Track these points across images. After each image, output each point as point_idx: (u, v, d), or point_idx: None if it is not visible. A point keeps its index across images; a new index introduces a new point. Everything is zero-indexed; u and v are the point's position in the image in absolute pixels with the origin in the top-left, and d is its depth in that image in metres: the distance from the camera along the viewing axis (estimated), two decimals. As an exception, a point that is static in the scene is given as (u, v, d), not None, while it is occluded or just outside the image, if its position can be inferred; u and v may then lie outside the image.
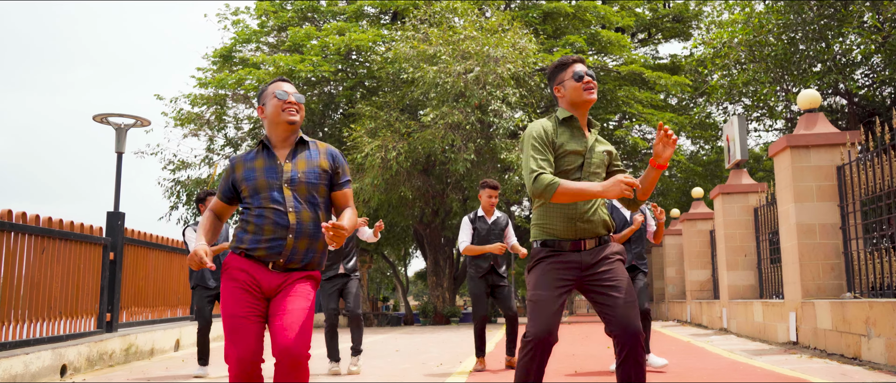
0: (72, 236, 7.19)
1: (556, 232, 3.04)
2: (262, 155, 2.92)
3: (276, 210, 2.79)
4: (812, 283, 7.86)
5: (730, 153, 12.31)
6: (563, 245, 3.03)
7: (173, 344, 9.30)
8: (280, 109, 2.89)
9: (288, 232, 2.78)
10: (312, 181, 2.88)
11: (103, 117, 8.32)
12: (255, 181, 2.85)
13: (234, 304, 2.74)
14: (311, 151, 2.95)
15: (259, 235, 2.79)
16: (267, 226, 2.79)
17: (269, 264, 2.80)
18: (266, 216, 2.80)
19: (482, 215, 6.52)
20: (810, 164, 8.05)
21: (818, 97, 8.40)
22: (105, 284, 7.91)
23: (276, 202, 2.80)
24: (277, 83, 2.97)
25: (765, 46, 17.88)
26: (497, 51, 16.50)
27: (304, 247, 2.83)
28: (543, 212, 3.08)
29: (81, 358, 6.83)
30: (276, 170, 2.86)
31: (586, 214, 3.03)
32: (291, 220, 2.79)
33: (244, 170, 2.89)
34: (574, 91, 3.09)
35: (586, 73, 3.10)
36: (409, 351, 9.41)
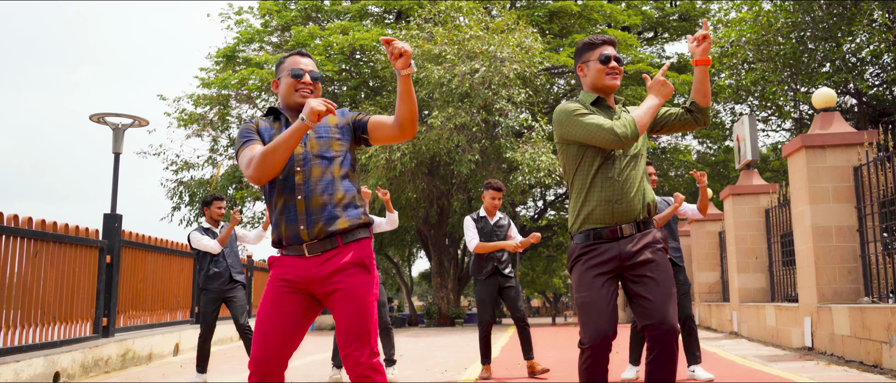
0: (66, 239, 7.00)
1: (593, 218, 2.91)
2: (278, 123, 2.74)
3: (286, 172, 2.60)
4: (828, 287, 7.63)
5: (740, 153, 12.07)
6: (600, 234, 2.90)
7: (172, 349, 9.11)
8: (293, 88, 2.70)
9: (296, 193, 2.59)
10: (323, 136, 2.66)
11: (100, 117, 8.13)
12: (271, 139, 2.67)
13: (265, 306, 2.59)
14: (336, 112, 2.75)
15: (275, 211, 2.64)
16: (277, 194, 2.62)
17: (303, 248, 2.58)
18: (276, 181, 2.62)
19: (484, 216, 6.32)
20: (826, 165, 7.81)
21: (834, 96, 8.17)
22: (101, 288, 7.72)
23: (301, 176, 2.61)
24: (294, 57, 2.77)
25: (773, 45, 17.63)
26: (503, 50, 16.28)
27: (320, 205, 2.58)
28: (578, 196, 2.96)
29: (75, 364, 6.64)
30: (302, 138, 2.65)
31: (626, 196, 2.89)
32: (297, 180, 2.59)
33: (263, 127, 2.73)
34: (597, 73, 2.99)
35: (614, 56, 3.00)
36: (412, 356, 9.20)
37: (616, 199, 2.88)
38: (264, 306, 2.59)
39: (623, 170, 2.92)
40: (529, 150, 16.24)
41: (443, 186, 19.18)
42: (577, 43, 3.11)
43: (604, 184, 2.90)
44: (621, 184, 2.90)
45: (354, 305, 2.55)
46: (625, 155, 2.94)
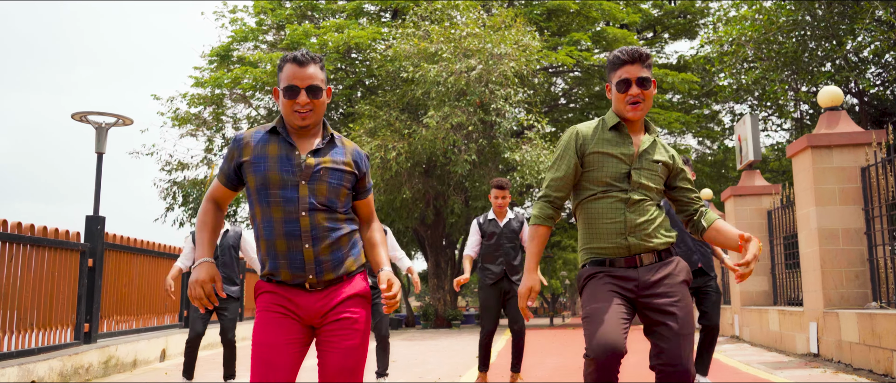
0: (44, 242, 6.73)
1: (606, 250, 2.70)
2: (276, 141, 2.44)
3: (287, 214, 2.36)
4: (834, 292, 7.38)
5: (742, 154, 11.82)
6: (617, 262, 2.68)
7: (159, 355, 8.85)
8: (290, 109, 2.42)
9: (302, 241, 2.36)
10: (334, 183, 2.44)
11: (82, 115, 7.86)
12: (265, 173, 2.39)
13: (266, 331, 2.35)
14: (337, 149, 2.50)
15: (274, 252, 2.38)
16: (278, 238, 2.37)
17: (304, 285, 2.39)
18: (274, 220, 2.37)
19: (492, 217, 5.99)
20: (833, 165, 7.57)
21: (840, 94, 7.93)
22: (83, 292, 7.45)
23: (289, 202, 2.36)
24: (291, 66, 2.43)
25: (774, 44, 17.40)
26: (500, 48, 16.03)
27: (329, 253, 2.39)
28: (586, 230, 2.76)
29: (53, 372, 6.37)
30: (293, 162, 2.40)
31: (639, 228, 2.65)
32: (303, 226, 2.36)
33: (253, 154, 2.42)
34: (616, 100, 2.77)
35: (637, 79, 2.70)
36: (407, 361, 8.94)
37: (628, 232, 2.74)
38: (265, 331, 2.35)
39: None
40: (529, 151, 16.00)
41: (439, 187, 18.93)
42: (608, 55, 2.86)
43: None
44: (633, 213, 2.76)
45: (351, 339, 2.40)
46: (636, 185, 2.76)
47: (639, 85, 2.69)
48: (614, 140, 2.73)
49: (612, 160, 2.71)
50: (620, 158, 2.70)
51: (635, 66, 2.70)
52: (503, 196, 5.93)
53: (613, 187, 2.70)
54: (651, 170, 2.73)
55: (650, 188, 2.72)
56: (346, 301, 2.41)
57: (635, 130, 2.78)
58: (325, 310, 2.40)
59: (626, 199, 2.68)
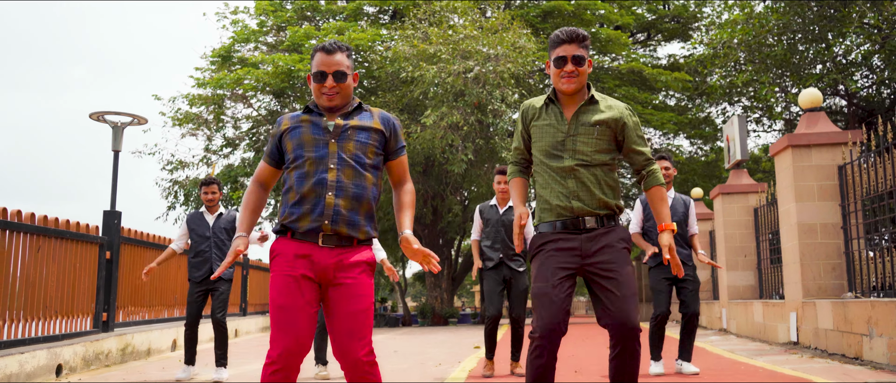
0: (68, 235, 7.14)
1: (553, 213, 2.99)
2: (309, 115, 2.79)
3: (318, 165, 2.67)
4: (813, 283, 7.82)
5: (730, 153, 12.27)
6: (562, 224, 2.96)
7: (170, 344, 9.24)
8: (318, 92, 2.75)
9: (326, 188, 2.65)
10: (361, 140, 2.73)
11: (100, 115, 8.27)
12: (300, 136, 2.72)
13: (283, 294, 2.59)
14: (365, 114, 2.81)
15: (300, 201, 2.66)
16: (307, 187, 2.65)
17: (318, 238, 2.65)
18: (307, 172, 2.67)
19: (494, 204, 6.13)
20: (812, 164, 8.01)
21: (819, 96, 8.37)
22: (101, 283, 7.85)
23: (320, 157, 2.68)
24: (319, 55, 2.75)
25: (764, 46, 17.84)
26: (496, 50, 16.45)
27: (347, 208, 2.67)
28: (539, 195, 3.06)
29: (77, 357, 6.78)
30: (322, 124, 2.73)
31: (580, 192, 2.95)
32: (330, 177, 2.66)
33: (290, 125, 2.77)
34: (554, 76, 3.05)
35: (572, 57, 2.95)
36: (407, 351, 9.35)
37: (571, 195, 3.03)
38: (283, 292, 2.59)
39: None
40: None
41: (437, 186, 19.34)
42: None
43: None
44: (573, 181, 3.05)
45: (360, 304, 2.64)
46: (571, 150, 3.03)
47: (573, 62, 2.95)
48: (552, 112, 3.04)
49: (550, 129, 3.01)
50: (556, 128, 3.00)
51: (572, 45, 2.96)
52: (505, 181, 6.00)
53: (553, 155, 3.00)
54: (587, 135, 2.96)
55: (587, 152, 2.96)
56: (355, 266, 2.65)
57: (573, 102, 3.03)
58: (335, 269, 2.63)
59: (564, 167, 2.96)
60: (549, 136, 3.02)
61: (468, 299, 59.67)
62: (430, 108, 16.34)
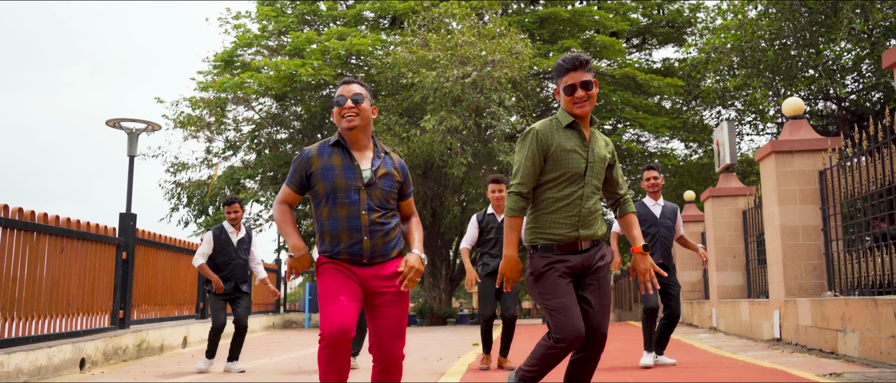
0: (88, 236, 7.53)
1: (557, 237, 3.16)
2: (338, 153, 3.08)
3: (350, 212, 3.00)
4: (795, 283, 8.23)
5: (719, 157, 12.68)
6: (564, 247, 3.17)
7: (181, 341, 9.63)
8: (340, 116, 3.07)
9: (362, 234, 3.01)
10: (386, 189, 3.10)
11: (116, 122, 8.66)
12: (333, 180, 3.03)
13: (333, 284, 2.98)
14: (386, 160, 3.16)
15: (336, 243, 3.03)
16: (343, 233, 3.01)
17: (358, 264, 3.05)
18: (340, 219, 3.01)
19: (491, 213, 6.36)
20: (794, 169, 8.42)
21: (802, 104, 8.78)
22: (118, 283, 8.25)
23: (353, 203, 3.01)
24: (340, 88, 3.12)
25: (757, 51, 18.27)
26: (494, 55, 16.86)
27: (382, 243, 3.05)
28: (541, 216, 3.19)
29: (98, 352, 7.17)
30: (353, 170, 3.05)
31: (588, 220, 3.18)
32: (363, 222, 3.01)
33: (321, 165, 3.06)
34: (565, 102, 3.18)
35: (581, 83, 3.12)
36: (410, 347, 9.74)
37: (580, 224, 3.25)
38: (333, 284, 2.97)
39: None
40: None
41: (436, 188, 19.74)
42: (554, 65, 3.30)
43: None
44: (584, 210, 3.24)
45: (401, 308, 3.09)
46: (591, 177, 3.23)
47: (582, 88, 3.11)
48: (572, 137, 3.17)
49: (574, 155, 3.14)
50: (580, 154, 3.15)
51: (578, 72, 3.12)
52: (500, 190, 6.27)
53: (572, 182, 3.15)
54: (600, 167, 3.23)
55: (597, 184, 3.23)
56: (393, 276, 3.06)
57: (585, 126, 3.21)
58: (374, 278, 3.03)
59: (581, 195, 3.16)
60: (574, 163, 3.16)
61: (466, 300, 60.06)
62: (430, 113, 16.75)
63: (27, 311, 6.43)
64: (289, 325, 17.97)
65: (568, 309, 3.08)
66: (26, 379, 5.84)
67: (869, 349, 6.17)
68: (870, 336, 6.16)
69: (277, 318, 17.24)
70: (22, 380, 5.78)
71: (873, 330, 6.09)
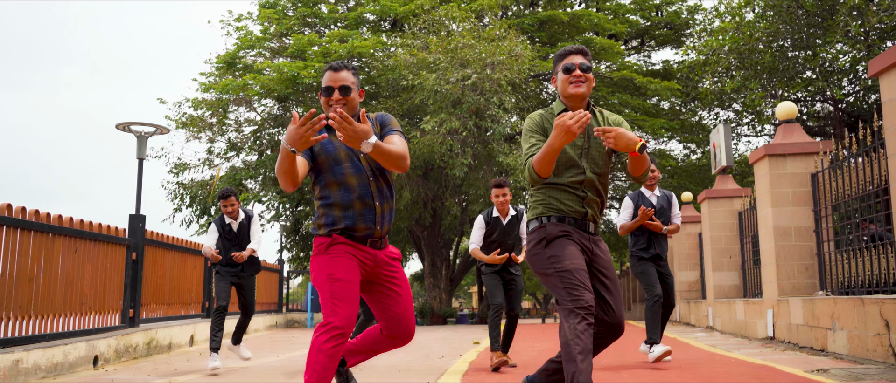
0: (100, 237, 7.75)
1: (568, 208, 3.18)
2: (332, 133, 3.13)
3: (360, 180, 3.07)
4: (787, 282, 8.45)
5: (716, 159, 12.90)
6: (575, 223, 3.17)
7: (188, 340, 9.85)
8: (326, 105, 3.13)
9: (374, 200, 3.09)
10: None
11: (125, 125, 8.88)
12: (335, 152, 3.09)
13: (339, 268, 2.99)
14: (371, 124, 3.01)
15: (351, 212, 3.06)
16: (356, 202, 3.07)
17: (367, 241, 3.10)
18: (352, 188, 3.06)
19: (497, 216, 6.45)
20: (787, 172, 8.64)
21: (795, 109, 8.99)
22: (128, 282, 8.46)
23: (360, 171, 3.08)
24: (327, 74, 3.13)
25: (754, 53, 18.50)
26: (493, 58, 17.09)
27: (388, 210, 3.17)
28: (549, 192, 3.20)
29: (110, 350, 7.38)
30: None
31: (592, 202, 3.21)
32: (373, 188, 3.09)
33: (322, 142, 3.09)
34: (562, 83, 3.21)
35: (579, 64, 3.17)
36: (413, 345, 9.96)
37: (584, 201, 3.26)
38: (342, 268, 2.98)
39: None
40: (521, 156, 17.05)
41: (436, 188, 19.96)
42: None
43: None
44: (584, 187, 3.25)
45: (408, 293, 3.29)
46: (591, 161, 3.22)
47: (581, 69, 3.16)
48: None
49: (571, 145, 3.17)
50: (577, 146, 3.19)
51: (577, 55, 3.20)
52: (503, 194, 6.40)
53: (568, 167, 3.19)
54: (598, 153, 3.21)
55: (599, 160, 3.21)
56: (394, 261, 3.21)
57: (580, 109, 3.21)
58: (378, 262, 3.14)
59: (582, 178, 3.18)
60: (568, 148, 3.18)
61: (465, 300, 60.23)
62: (430, 114, 16.98)
63: (44, 310, 6.65)
64: (291, 324, 18.19)
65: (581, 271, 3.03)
66: (44, 376, 6.06)
67: (856, 346, 6.40)
68: (857, 334, 6.38)
69: (280, 317, 17.46)
70: (40, 376, 5.99)
71: (860, 328, 6.31)
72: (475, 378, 5.86)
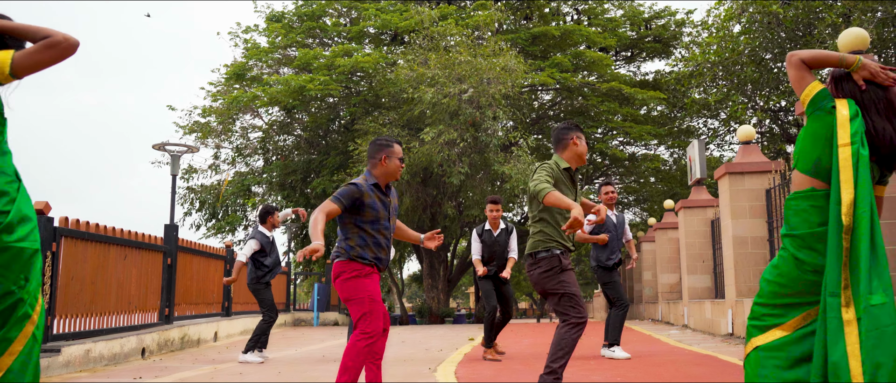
0: (143, 245, 8.90)
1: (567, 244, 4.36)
2: (378, 193, 4.24)
3: (386, 235, 4.25)
4: (744, 285, 9.61)
5: (691, 172, 14.06)
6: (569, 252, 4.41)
7: (213, 335, 11.00)
8: (397, 170, 4.29)
9: (390, 248, 4.34)
10: (395, 214, 4.44)
11: (161, 145, 10.02)
12: (377, 211, 4.21)
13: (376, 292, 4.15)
14: (393, 192, 4.39)
15: (379, 253, 4.21)
16: (383, 246, 4.24)
17: (381, 270, 4.27)
18: (381, 237, 4.21)
19: (488, 228, 7.54)
20: (744, 188, 9.81)
21: (752, 131, 10.16)
22: (164, 284, 9.61)
23: (386, 228, 4.26)
24: (395, 145, 4.31)
25: (738, 65, 19.64)
26: (489, 73, 18.24)
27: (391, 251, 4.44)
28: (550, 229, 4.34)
29: (154, 343, 8.54)
30: (387, 206, 4.28)
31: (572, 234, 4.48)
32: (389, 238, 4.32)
33: (370, 199, 4.17)
34: (576, 153, 4.47)
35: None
36: (413, 341, 11.12)
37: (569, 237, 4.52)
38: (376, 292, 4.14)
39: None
40: (518, 166, 18.17)
41: (434, 194, 21.12)
42: (565, 123, 4.60)
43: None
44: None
45: None
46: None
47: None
48: (567, 179, 4.41)
49: (567, 191, 4.36)
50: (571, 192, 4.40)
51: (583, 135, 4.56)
52: (497, 209, 7.59)
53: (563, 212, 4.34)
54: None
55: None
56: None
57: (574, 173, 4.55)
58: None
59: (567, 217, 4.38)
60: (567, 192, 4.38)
61: (463, 301, 61.39)
62: (429, 126, 18.13)
63: (101, 309, 7.80)
64: (298, 323, 19.32)
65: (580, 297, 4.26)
66: (106, 364, 7.21)
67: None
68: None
69: (288, 316, 18.60)
70: (103, 365, 7.14)
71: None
72: (468, 367, 7.00)
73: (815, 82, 3.00)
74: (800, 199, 2.97)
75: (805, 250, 2.89)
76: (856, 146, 2.90)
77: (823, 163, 2.94)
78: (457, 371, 6.58)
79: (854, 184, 2.88)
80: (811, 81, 3.00)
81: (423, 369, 6.80)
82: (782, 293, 2.91)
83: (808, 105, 3.00)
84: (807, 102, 3.00)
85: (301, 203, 23.08)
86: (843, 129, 2.94)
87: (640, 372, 6.15)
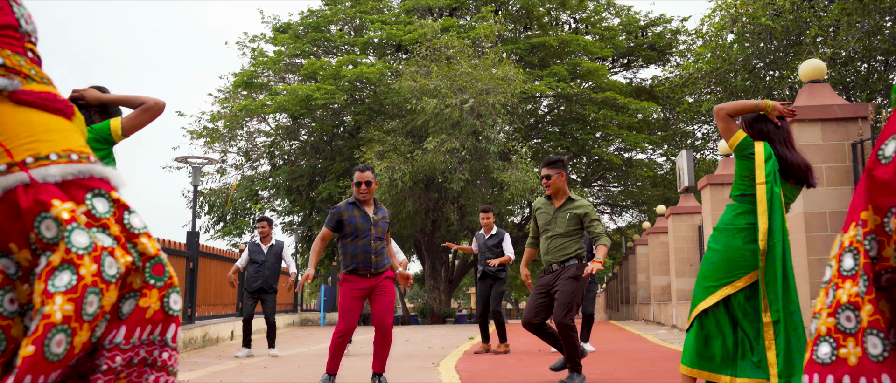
0: (169, 251, 9.68)
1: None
2: (356, 209, 5.14)
3: (365, 243, 5.07)
4: (723, 288, 10.37)
5: (680, 180, 14.84)
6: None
7: (230, 335, 11.78)
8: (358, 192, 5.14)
9: (371, 254, 5.12)
10: (382, 227, 5.23)
11: (184, 158, 10.80)
12: (356, 226, 5.07)
13: (349, 297, 5.07)
14: (380, 210, 5.26)
15: (355, 261, 5.07)
16: (359, 255, 5.09)
17: (366, 274, 5.14)
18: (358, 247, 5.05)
19: (482, 232, 8.85)
20: (724, 198, 10.56)
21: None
22: (187, 287, 10.39)
23: (366, 238, 5.08)
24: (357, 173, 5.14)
25: (729, 73, 20.38)
26: (489, 84, 19.01)
27: (381, 260, 5.17)
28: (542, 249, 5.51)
29: (180, 342, 9.31)
30: (368, 219, 5.12)
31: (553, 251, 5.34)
32: (371, 248, 5.13)
33: (348, 216, 5.08)
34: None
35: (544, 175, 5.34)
36: (416, 339, 11.90)
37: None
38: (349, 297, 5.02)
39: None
40: (517, 174, 18.95)
41: (437, 199, 21.90)
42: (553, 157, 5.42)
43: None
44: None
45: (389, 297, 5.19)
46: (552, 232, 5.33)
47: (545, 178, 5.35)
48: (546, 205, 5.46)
49: (544, 215, 5.41)
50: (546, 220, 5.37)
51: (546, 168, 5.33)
52: (487, 217, 8.74)
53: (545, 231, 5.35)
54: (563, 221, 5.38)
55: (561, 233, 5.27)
56: (385, 279, 5.19)
57: (557, 198, 5.40)
58: (373, 285, 5.11)
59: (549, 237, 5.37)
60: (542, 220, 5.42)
61: (464, 301, 62.17)
62: (432, 135, 18.91)
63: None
64: (306, 323, 20.09)
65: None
66: (141, 359, 7.99)
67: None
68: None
69: (296, 316, 19.38)
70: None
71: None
72: (468, 362, 7.77)
73: (739, 132, 3.81)
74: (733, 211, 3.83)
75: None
76: (769, 184, 3.70)
77: (748, 194, 3.75)
78: (457, 366, 7.35)
79: (768, 215, 3.67)
80: (736, 131, 3.80)
81: (426, 364, 7.56)
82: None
83: (735, 150, 3.80)
84: (734, 147, 3.80)
85: (307, 207, 23.74)
86: (759, 170, 3.74)
87: (617, 367, 6.92)
